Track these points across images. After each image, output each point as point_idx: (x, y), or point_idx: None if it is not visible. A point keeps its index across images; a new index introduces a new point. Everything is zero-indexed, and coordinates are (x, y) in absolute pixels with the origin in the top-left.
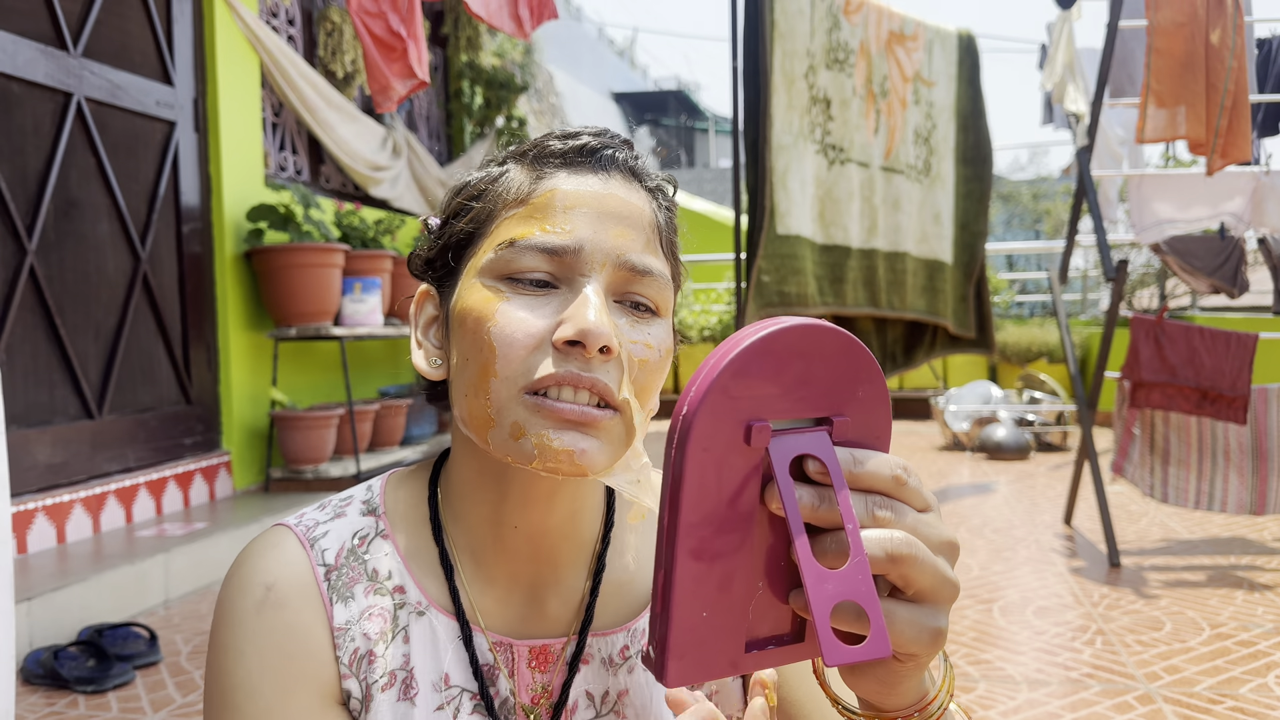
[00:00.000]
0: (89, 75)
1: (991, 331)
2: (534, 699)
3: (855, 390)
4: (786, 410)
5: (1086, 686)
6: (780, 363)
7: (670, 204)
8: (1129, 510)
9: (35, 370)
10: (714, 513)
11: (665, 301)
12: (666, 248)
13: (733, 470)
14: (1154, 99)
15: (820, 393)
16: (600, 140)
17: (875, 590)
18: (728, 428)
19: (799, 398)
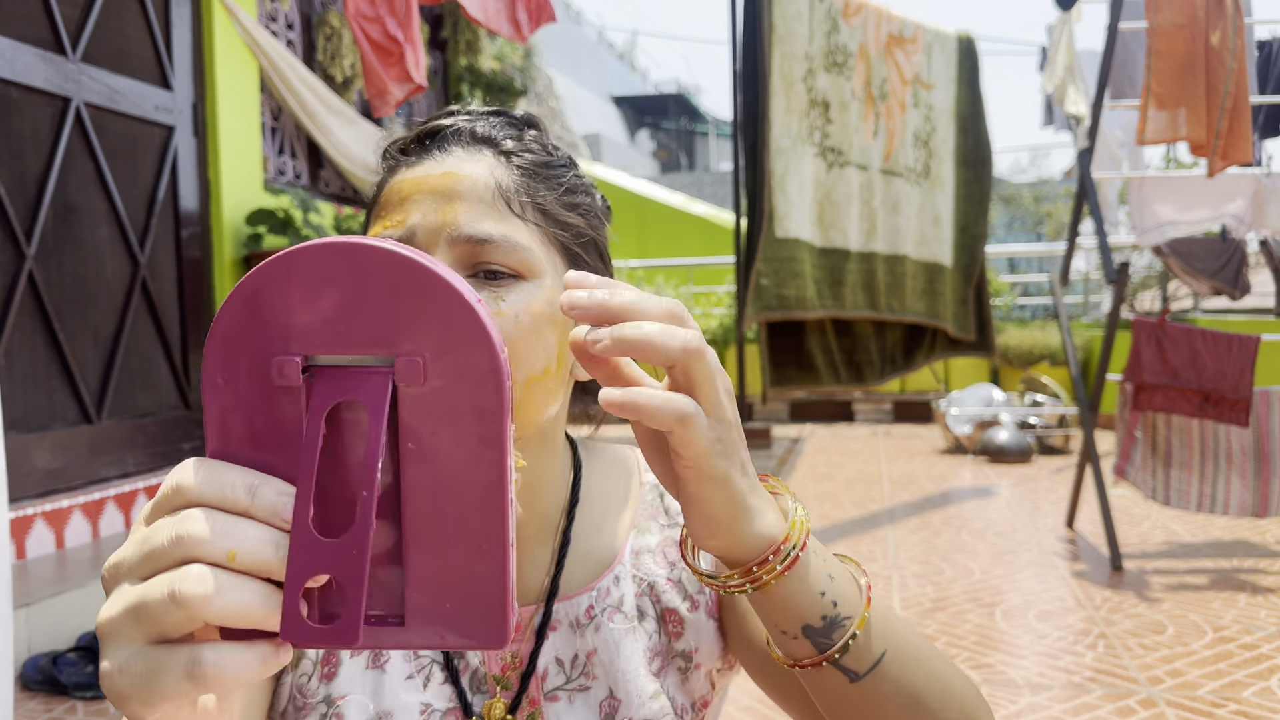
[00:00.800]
0: (88, 80)
1: (992, 334)
2: (503, 668)
3: (429, 323)
4: (334, 344)
5: (1089, 690)
6: (312, 288)
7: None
8: (1131, 513)
9: (34, 375)
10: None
11: (527, 262)
12: (524, 204)
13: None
14: (1154, 101)
15: (376, 325)
16: (442, 122)
17: (364, 574)
18: (249, 361)
19: (347, 330)
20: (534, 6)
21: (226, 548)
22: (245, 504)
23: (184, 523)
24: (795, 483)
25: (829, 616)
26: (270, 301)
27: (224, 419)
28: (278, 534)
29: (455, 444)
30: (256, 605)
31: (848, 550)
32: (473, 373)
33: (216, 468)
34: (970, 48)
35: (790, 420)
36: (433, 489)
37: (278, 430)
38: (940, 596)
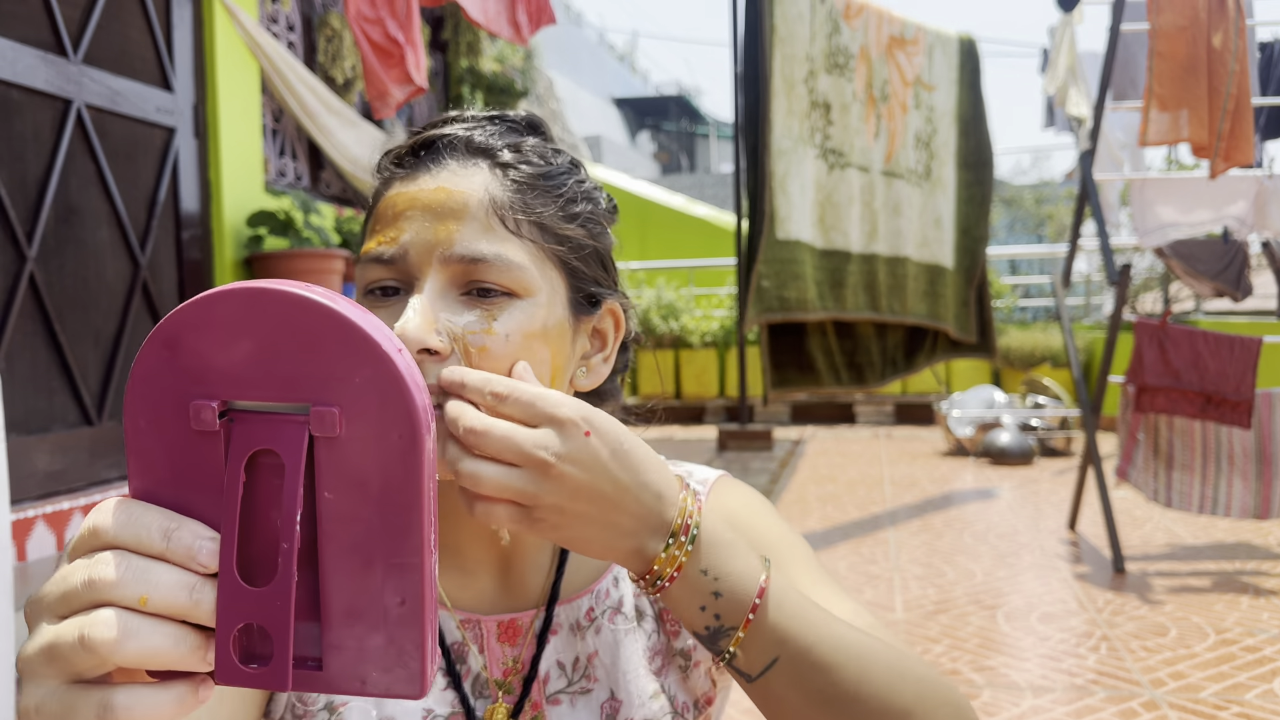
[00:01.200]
0: (89, 82)
1: (993, 336)
2: (505, 672)
3: (347, 374)
4: (251, 391)
5: (1091, 693)
6: (231, 332)
7: (535, 161)
8: (1133, 515)
9: (34, 377)
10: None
11: (521, 280)
12: (519, 220)
13: (189, 453)
14: (1156, 102)
15: (293, 374)
16: (438, 131)
17: (289, 622)
18: (169, 403)
19: (264, 377)
20: (534, 9)
21: (138, 592)
22: (160, 547)
23: (97, 566)
24: (797, 484)
25: (711, 628)
26: (190, 344)
27: (145, 460)
28: (193, 577)
29: (372, 495)
30: (168, 649)
31: (849, 553)
32: (390, 426)
33: (134, 509)
34: (972, 49)
35: (792, 422)
36: (350, 539)
37: (198, 473)
38: (942, 599)
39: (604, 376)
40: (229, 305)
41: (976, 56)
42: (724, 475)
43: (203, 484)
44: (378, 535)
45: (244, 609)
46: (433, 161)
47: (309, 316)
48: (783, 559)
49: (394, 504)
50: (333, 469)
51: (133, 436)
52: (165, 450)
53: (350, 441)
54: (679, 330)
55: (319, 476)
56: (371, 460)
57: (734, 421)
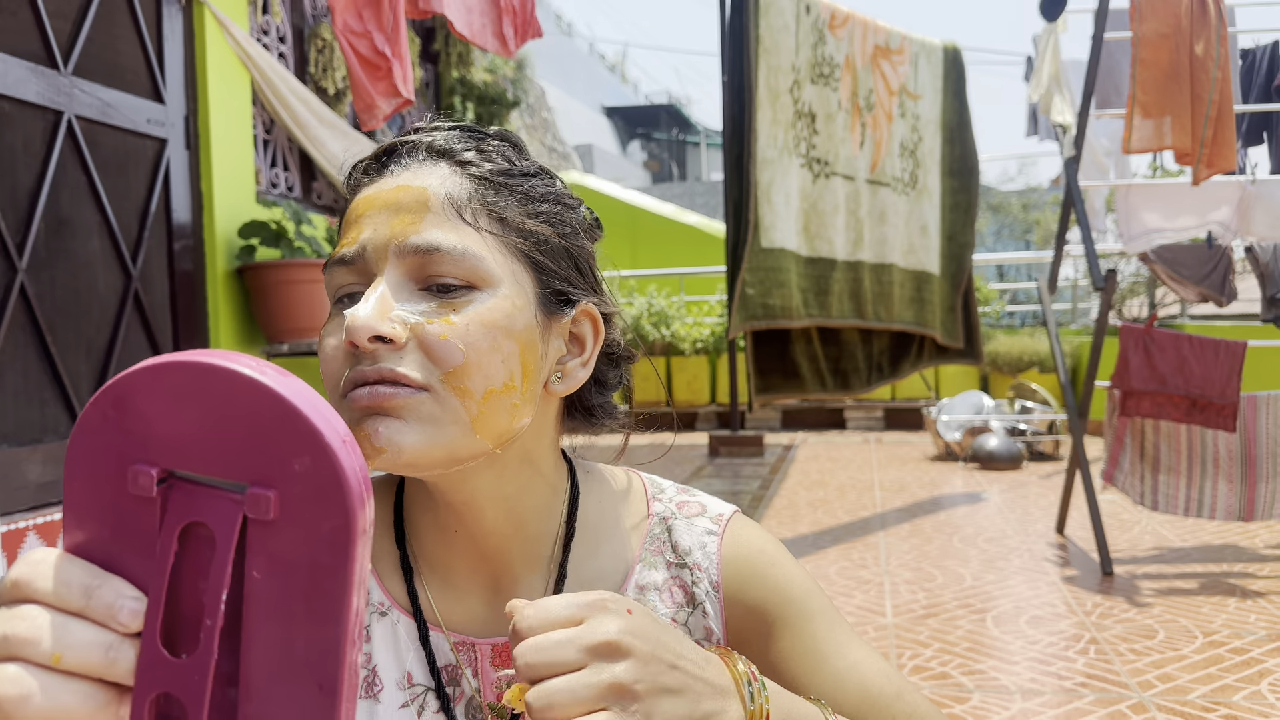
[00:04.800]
0: (80, 93)
1: (979, 342)
2: (499, 696)
3: (285, 459)
4: (191, 462)
5: (1080, 696)
6: (179, 401)
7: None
8: (1121, 518)
9: (26, 388)
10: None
11: (478, 271)
12: (475, 211)
13: (124, 514)
14: (1140, 110)
15: (233, 451)
16: (402, 138)
17: (206, 697)
18: (110, 463)
19: (205, 451)
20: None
21: (52, 650)
22: (80, 605)
23: (12, 620)
24: (787, 490)
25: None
26: (137, 408)
27: (80, 517)
28: (110, 636)
29: (299, 581)
30: (77, 707)
31: (839, 557)
32: (324, 517)
33: (60, 564)
34: (956, 58)
35: (783, 428)
36: (272, 621)
37: (131, 536)
38: (932, 603)
39: (580, 382)
40: (180, 376)
41: (961, 65)
42: (738, 512)
43: (135, 547)
44: (301, 620)
45: (162, 677)
46: (394, 164)
47: (257, 398)
48: (805, 613)
49: (320, 592)
50: (263, 551)
51: (70, 492)
52: (100, 509)
53: (284, 526)
54: (670, 337)
55: (249, 556)
56: (302, 547)
57: (725, 428)
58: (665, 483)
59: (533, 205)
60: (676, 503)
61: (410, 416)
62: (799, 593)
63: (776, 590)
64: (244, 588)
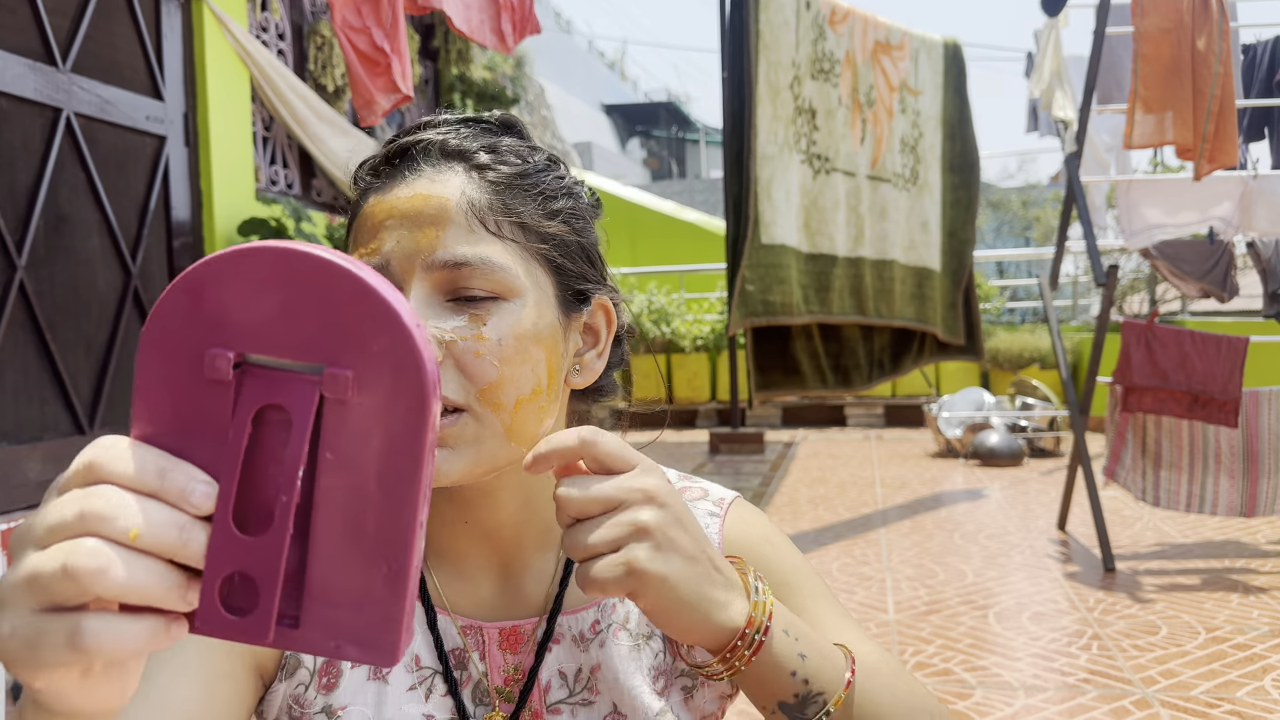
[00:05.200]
0: (78, 90)
1: (980, 338)
2: (506, 680)
3: (364, 340)
4: (268, 346)
5: (1083, 692)
6: (256, 288)
7: (511, 160)
8: (1123, 515)
9: (26, 386)
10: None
11: (506, 283)
12: (499, 221)
13: (196, 400)
14: (1141, 105)
15: (311, 334)
16: (411, 138)
17: (280, 573)
18: (185, 350)
19: (282, 335)
20: (519, 18)
21: (129, 526)
22: (154, 485)
23: (90, 498)
24: (788, 486)
25: (801, 694)
26: (213, 295)
27: (151, 404)
28: (183, 517)
29: (372, 461)
30: (151, 584)
31: (841, 554)
32: (399, 397)
33: (131, 447)
34: (957, 54)
35: (783, 425)
36: (344, 501)
37: (202, 422)
38: (934, 599)
39: (598, 373)
40: (259, 261)
41: (962, 61)
42: (738, 498)
43: (204, 433)
44: (372, 500)
45: (235, 556)
46: (408, 169)
47: (335, 281)
48: (802, 594)
49: (392, 471)
50: (338, 431)
51: (142, 379)
52: (172, 396)
53: (358, 406)
54: (670, 335)
55: (323, 437)
56: (376, 426)
57: (725, 425)
58: (669, 470)
59: (549, 205)
60: (679, 488)
61: (455, 443)
62: (795, 572)
63: (775, 572)
64: (316, 469)
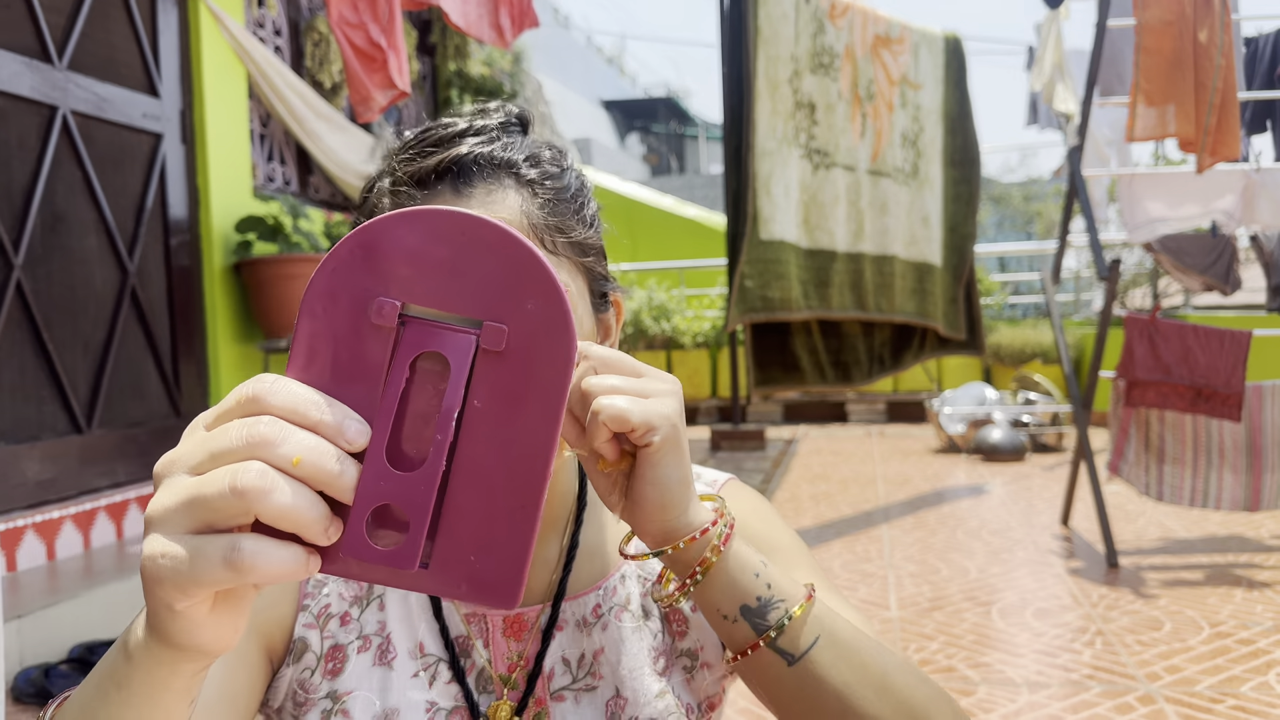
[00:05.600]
0: (74, 88)
1: (982, 333)
2: (510, 668)
3: (520, 300)
4: (431, 299)
5: (1087, 688)
6: (424, 245)
7: (552, 171)
8: (1126, 510)
9: (23, 386)
10: (329, 385)
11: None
12: (556, 241)
13: (355, 346)
14: (1143, 98)
15: (472, 291)
16: (456, 151)
17: (430, 507)
18: (351, 299)
19: (446, 290)
20: (516, 12)
21: (292, 453)
22: (314, 419)
23: (255, 425)
24: (790, 484)
25: (763, 597)
26: (384, 248)
27: (310, 346)
28: (340, 451)
29: (516, 411)
30: (308, 510)
31: (843, 550)
32: (547, 354)
33: (290, 384)
34: (958, 48)
35: (784, 421)
36: (486, 447)
37: (358, 366)
38: (937, 596)
39: None
40: (428, 221)
41: (962, 55)
42: (733, 478)
43: (360, 377)
44: (512, 447)
45: (386, 489)
46: (461, 183)
47: (501, 244)
48: (788, 562)
49: (532, 422)
50: (487, 380)
51: (306, 323)
52: (333, 339)
53: (510, 358)
54: (670, 331)
55: (473, 385)
56: (523, 378)
57: (726, 421)
58: None
59: (585, 212)
60: None
61: None
62: (784, 544)
63: (765, 543)
64: (463, 416)
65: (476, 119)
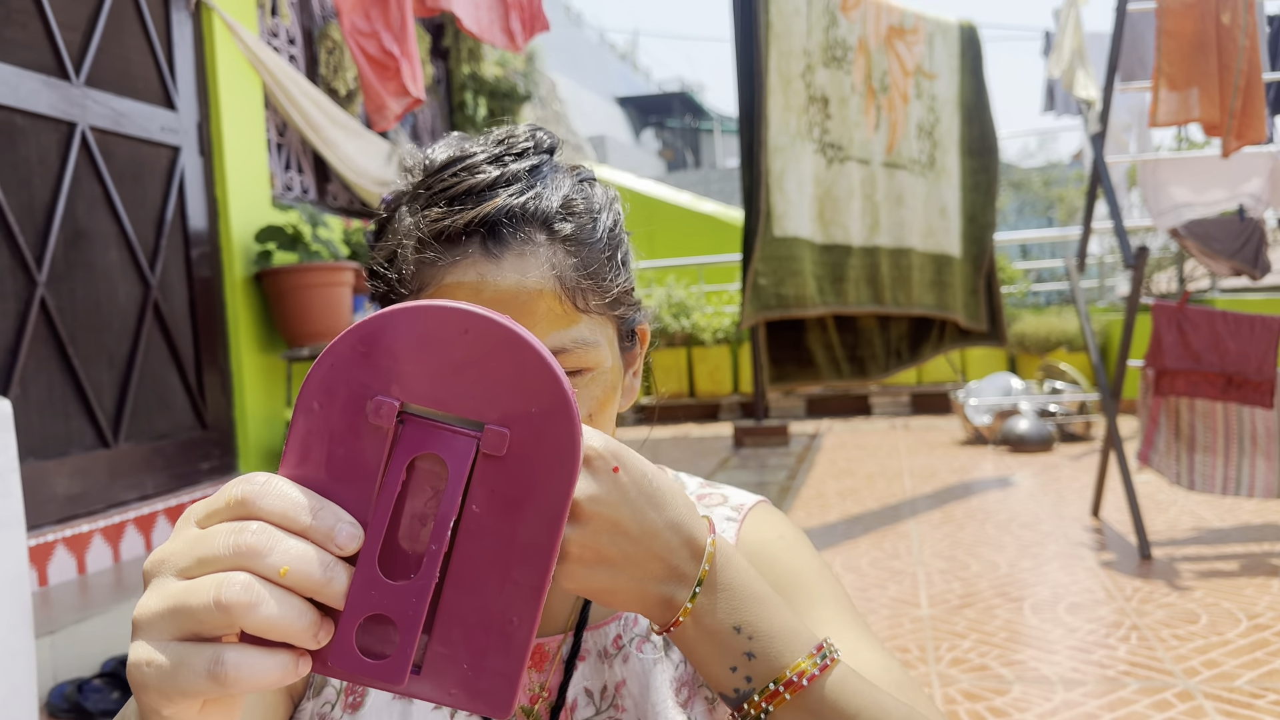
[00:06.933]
0: (92, 104)
1: (1003, 323)
2: (532, 699)
3: (524, 403)
4: (431, 399)
5: (1124, 685)
6: (427, 342)
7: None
8: (1157, 500)
9: (50, 402)
10: (323, 484)
11: (593, 357)
12: (587, 298)
13: (352, 444)
14: (1166, 82)
15: (475, 391)
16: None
17: (421, 621)
18: (349, 394)
19: (447, 389)
20: (527, 16)
21: (280, 563)
22: (304, 524)
23: (243, 533)
24: (815, 479)
25: (741, 690)
26: (385, 344)
27: (306, 443)
28: (329, 557)
29: (515, 518)
30: (294, 621)
31: (871, 547)
32: (550, 462)
33: (282, 485)
34: (973, 36)
35: (807, 416)
36: (482, 554)
37: (353, 465)
38: (967, 592)
39: (637, 391)
40: (433, 319)
41: (978, 43)
42: (761, 503)
43: (355, 476)
44: (510, 554)
45: (377, 599)
46: (492, 243)
47: (506, 345)
48: (811, 597)
49: (531, 530)
50: (487, 485)
51: (301, 419)
52: (329, 438)
53: (511, 463)
54: (690, 328)
55: (472, 490)
56: (524, 484)
57: (749, 417)
58: (690, 478)
59: (618, 254)
60: (698, 495)
61: None
62: (809, 578)
63: (786, 574)
64: (460, 521)
65: (506, 160)
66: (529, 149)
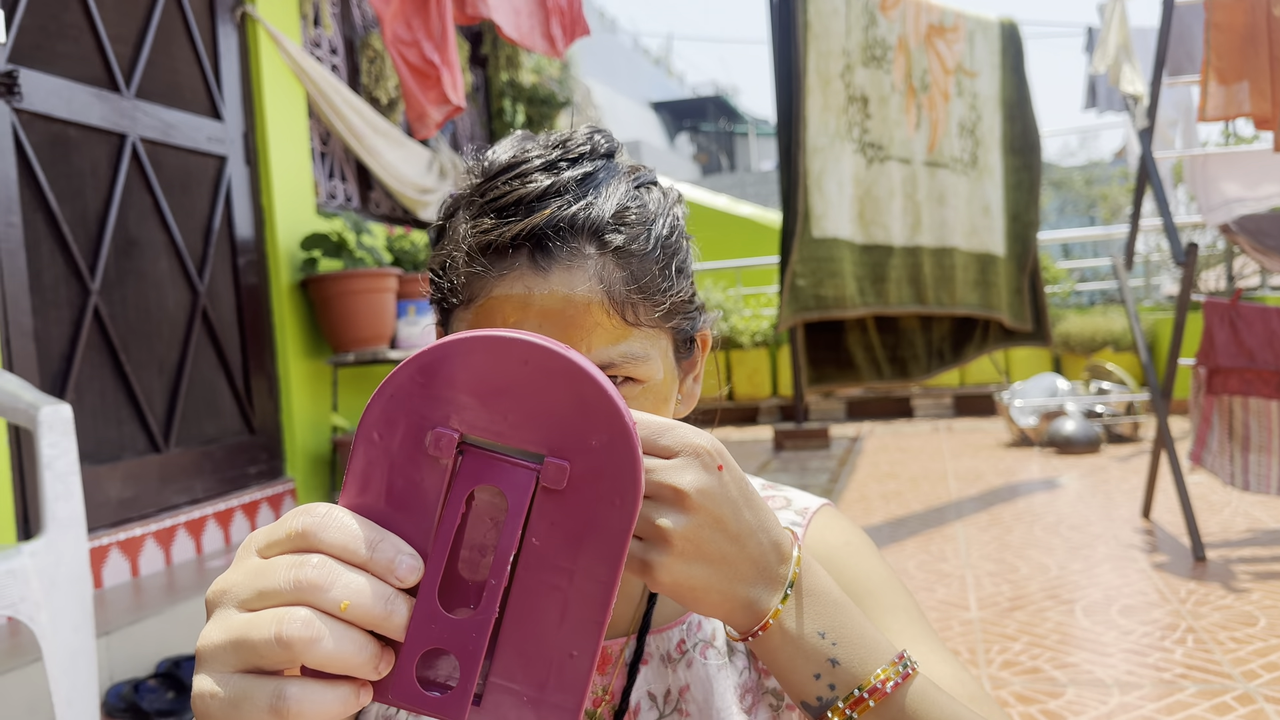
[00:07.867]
0: (142, 116)
1: (1048, 323)
2: (595, 703)
3: (585, 435)
4: (491, 431)
5: (1181, 688)
6: (486, 373)
7: (636, 233)
8: (1210, 500)
9: (103, 408)
10: (383, 514)
11: (644, 370)
12: (638, 312)
13: (412, 475)
14: (1215, 76)
15: (535, 423)
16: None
17: (481, 655)
18: (408, 425)
19: (507, 421)
20: (568, 22)
21: (340, 598)
22: (364, 557)
23: (304, 568)
24: (857, 482)
25: (824, 699)
26: (444, 375)
27: (366, 473)
28: (389, 590)
29: (575, 551)
30: (355, 654)
31: (917, 550)
32: (612, 491)
33: (343, 518)
34: (1014, 33)
35: (847, 419)
36: (542, 588)
37: (413, 496)
38: (1017, 595)
39: (697, 397)
40: (493, 350)
41: (1019, 40)
42: (826, 505)
43: (413, 508)
44: (570, 588)
45: (437, 633)
46: (540, 254)
47: (566, 376)
48: (882, 606)
49: (593, 561)
50: (547, 518)
51: (361, 450)
52: (388, 468)
53: (571, 496)
54: (729, 331)
55: (531, 522)
56: (584, 517)
57: (789, 420)
58: (754, 479)
59: (674, 261)
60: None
61: None
62: (878, 585)
63: (855, 581)
64: (520, 553)
65: (561, 167)
66: (585, 154)
